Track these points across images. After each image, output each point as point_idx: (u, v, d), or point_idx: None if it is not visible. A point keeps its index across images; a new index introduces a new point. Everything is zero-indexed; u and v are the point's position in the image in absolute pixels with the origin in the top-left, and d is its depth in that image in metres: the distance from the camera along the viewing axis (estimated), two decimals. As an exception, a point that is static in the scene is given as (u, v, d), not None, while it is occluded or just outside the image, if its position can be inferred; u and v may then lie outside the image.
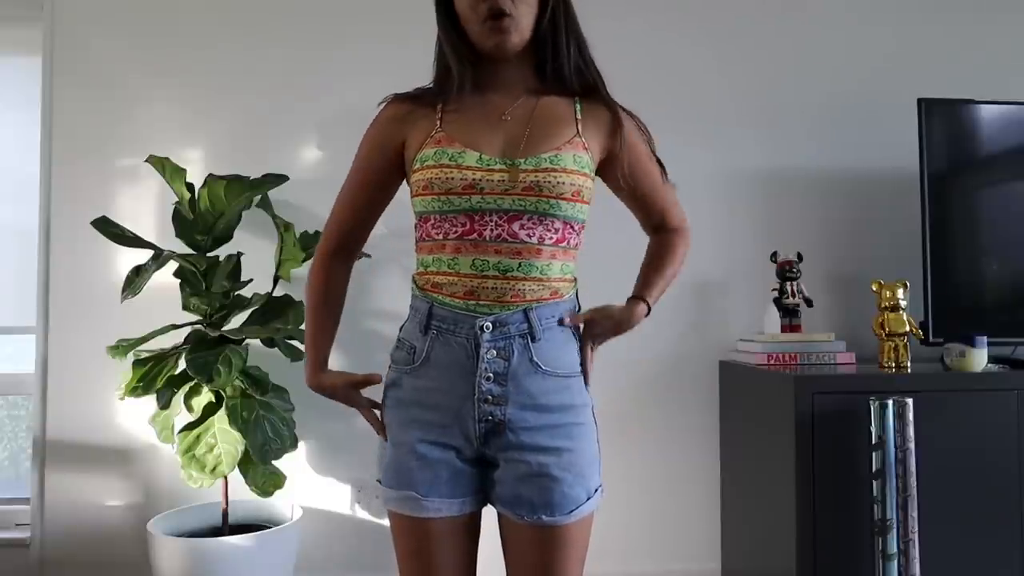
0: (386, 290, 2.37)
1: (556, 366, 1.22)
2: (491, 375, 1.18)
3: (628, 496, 2.39)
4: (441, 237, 1.19)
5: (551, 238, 1.19)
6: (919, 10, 2.54)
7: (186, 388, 2.07)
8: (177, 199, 2.10)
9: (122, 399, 2.03)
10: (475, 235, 1.17)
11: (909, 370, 2.06)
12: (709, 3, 2.47)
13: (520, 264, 1.18)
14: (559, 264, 1.21)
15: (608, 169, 1.29)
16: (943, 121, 2.23)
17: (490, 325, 1.17)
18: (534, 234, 1.18)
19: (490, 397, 1.19)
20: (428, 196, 1.18)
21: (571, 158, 1.19)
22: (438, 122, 1.23)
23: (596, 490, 1.24)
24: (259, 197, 2.12)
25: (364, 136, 1.32)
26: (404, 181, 1.30)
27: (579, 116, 1.25)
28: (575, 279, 1.27)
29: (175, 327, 2.07)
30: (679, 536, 2.42)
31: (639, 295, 1.32)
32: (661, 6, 2.45)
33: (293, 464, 2.24)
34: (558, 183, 1.16)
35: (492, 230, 1.17)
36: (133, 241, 2.05)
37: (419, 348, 1.22)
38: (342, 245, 1.32)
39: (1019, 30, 2.57)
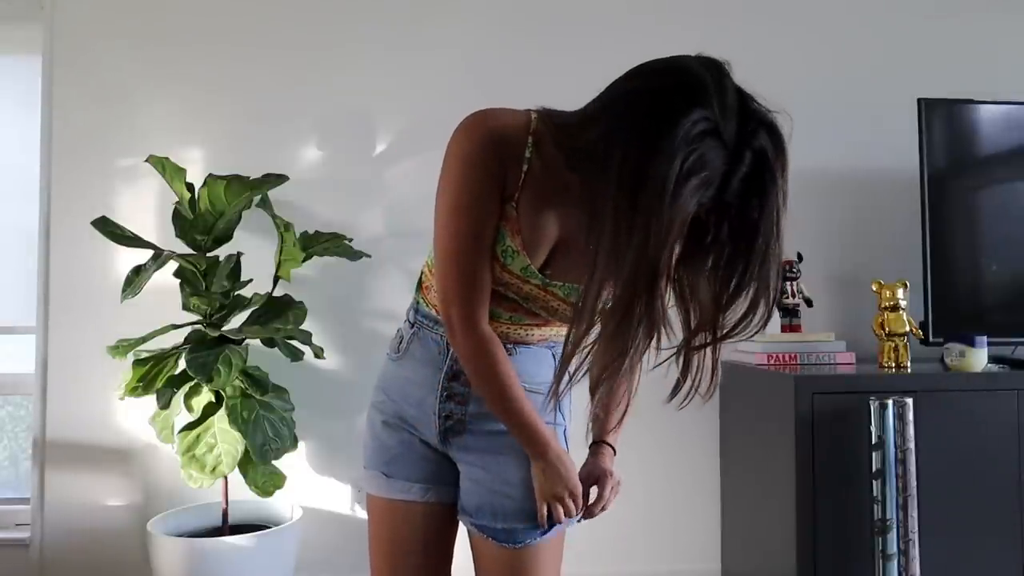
0: (386, 290, 2.37)
1: (525, 379, 1.20)
2: (456, 372, 1.20)
3: (628, 496, 2.37)
4: None
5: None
6: (919, 10, 2.54)
7: (186, 388, 2.07)
8: (177, 199, 2.10)
9: (122, 399, 2.03)
10: (491, 303, 1.16)
11: (909, 370, 2.05)
12: (708, 2, 2.47)
13: (512, 317, 1.19)
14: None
15: None
16: (943, 121, 2.23)
17: None
18: (535, 316, 1.19)
19: (451, 394, 1.21)
20: None
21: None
22: (517, 192, 1.07)
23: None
24: (259, 197, 2.12)
25: (460, 175, 1.06)
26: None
27: None
28: None
29: (175, 327, 2.07)
30: (679, 536, 2.42)
31: (607, 442, 1.26)
32: (656, 6, 2.45)
33: (293, 464, 2.24)
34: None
35: (497, 302, 1.16)
36: (133, 241, 2.05)
37: (405, 339, 1.26)
38: (483, 312, 1.12)
39: (1019, 30, 2.57)
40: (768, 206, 0.91)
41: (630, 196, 0.87)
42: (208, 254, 2.10)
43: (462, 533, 1.28)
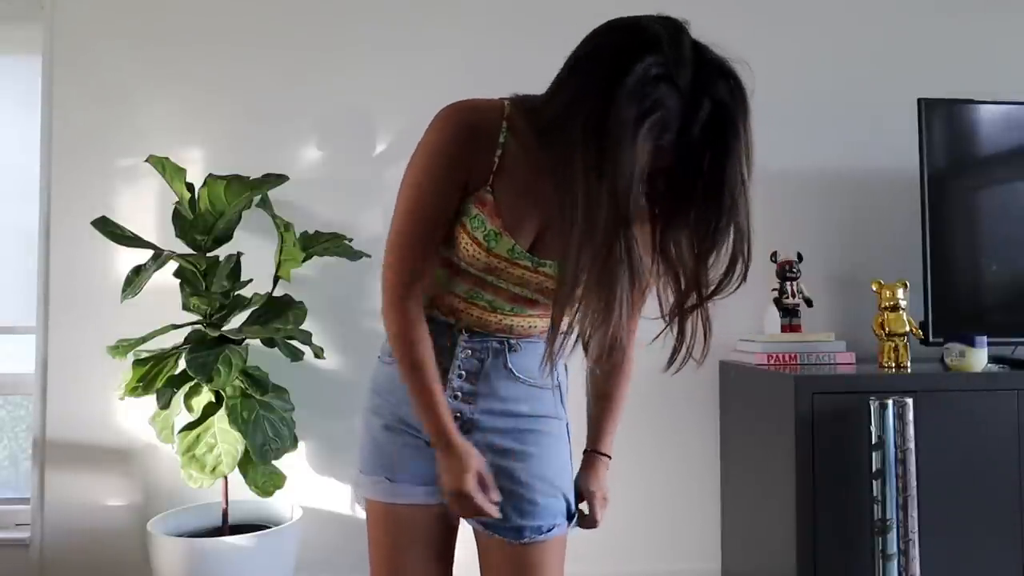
0: (386, 290, 2.37)
1: (529, 374, 1.23)
2: (463, 372, 1.20)
3: (628, 496, 2.38)
4: (445, 259, 1.19)
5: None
6: (919, 10, 2.54)
7: (186, 388, 2.07)
8: (177, 199, 2.10)
9: (122, 399, 2.03)
10: (478, 286, 1.18)
11: (909, 370, 2.06)
12: (708, 2, 2.47)
13: (514, 308, 1.19)
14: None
15: None
16: (943, 121, 2.23)
17: (469, 333, 1.20)
18: (536, 304, 1.20)
19: (459, 394, 1.20)
20: (447, 247, 1.16)
21: None
22: (491, 176, 1.10)
23: (572, 514, 1.25)
24: (259, 197, 2.12)
25: (428, 153, 1.11)
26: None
27: None
28: None
29: (175, 327, 2.07)
30: (679, 536, 2.42)
31: (602, 451, 1.29)
32: (655, 6, 2.45)
33: (293, 464, 2.24)
34: None
35: (496, 291, 1.18)
36: (133, 241, 2.05)
37: None
38: (416, 281, 1.16)
39: (1019, 30, 2.57)
40: (732, 156, 0.94)
41: (596, 147, 0.92)
42: (208, 254, 2.10)
43: (461, 533, 1.28)
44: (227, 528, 2.12)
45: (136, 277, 1.98)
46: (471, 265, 1.15)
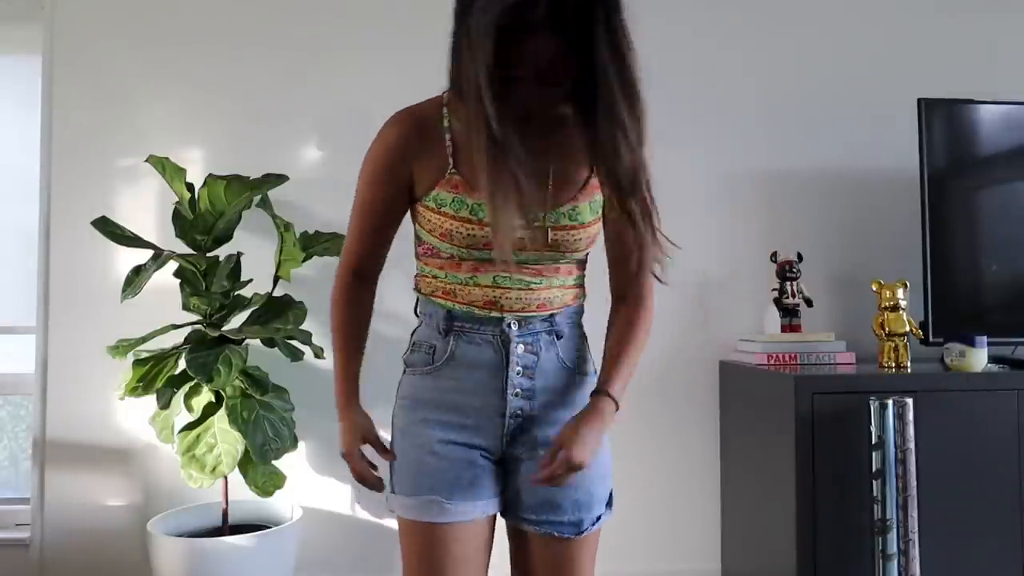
0: (387, 292, 2.35)
1: (575, 362, 1.25)
2: (520, 368, 1.19)
3: (628, 496, 2.38)
4: (455, 260, 1.19)
5: (567, 267, 1.22)
6: (919, 10, 2.54)
7: (186, 388, 2.07)
8: (177, 199, 2.10)
9: (122, 399, 2.03)
10: (494, 270, 1.17)
11: (909, 370, 2.06)
12: (708, 2, 2.47)
13: (541, 279, 1.19)
14: (576, 276, 1.25)
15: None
16: (943, 121, 2.23)
17: (517, 323, 1.18)
18: (550, 269, 1.20)
19: (519, 391, 1.20)
20: (444, 241, 1.16)
21: (588, 208, 1.18)
22: (450, 159, 1.14)
23: (611, 501, 1.27)
24: (259, 197, 2.12)
25: (368, 158, 1.20)
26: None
27: None
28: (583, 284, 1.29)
29: (175, 327, 2.07)
30: (679, 536, 2.42)
31: (606, 391, 1.18)
32: (659, 6, 2.45)
33: (293, 464, 2.24)
34: (575, 240, 1.17)
35: (531, 272, 1.18)
36: (133, 241, 2.05)
37: (440, 348, 1.21)
38: (362, 267, 1.27)
39: (1019, 30, 2.57)
40: (598, 46, 1.03)
41: (457, 33, 1.04)
42: (208, 254, 2.10)
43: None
44: (227, 528, 2.12)
45: (136, 277, 1.98)
46: (473, 248, 1.14)
